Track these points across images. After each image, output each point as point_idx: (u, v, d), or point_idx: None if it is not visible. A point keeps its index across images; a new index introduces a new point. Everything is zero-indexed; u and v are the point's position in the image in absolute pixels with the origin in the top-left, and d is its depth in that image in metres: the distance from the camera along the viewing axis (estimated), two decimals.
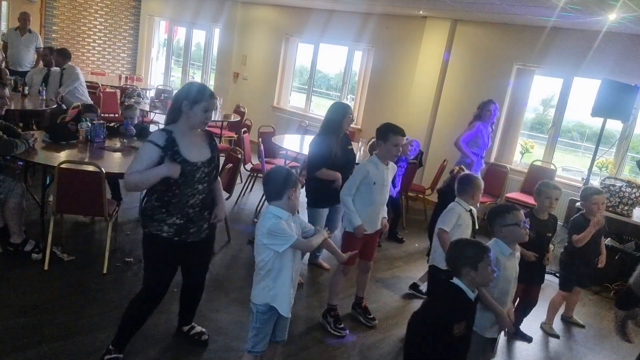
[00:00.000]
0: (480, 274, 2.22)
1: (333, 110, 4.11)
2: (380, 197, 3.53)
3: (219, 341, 3.27)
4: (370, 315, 3.81)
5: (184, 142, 2.69)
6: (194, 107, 2.67)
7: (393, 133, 3.39)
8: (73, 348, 2.95)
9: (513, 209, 2.74)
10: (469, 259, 2.23)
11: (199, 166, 2.72)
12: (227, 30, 10.03)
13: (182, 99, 2.69)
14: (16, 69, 7.90)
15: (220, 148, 6.71)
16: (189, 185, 2.71)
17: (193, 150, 2.72)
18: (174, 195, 2.70)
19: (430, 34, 7.16)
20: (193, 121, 2.71)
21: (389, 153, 3.46)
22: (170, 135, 2.67)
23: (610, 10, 4.44)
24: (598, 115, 5.13)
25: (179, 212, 2.73)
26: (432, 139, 7.35)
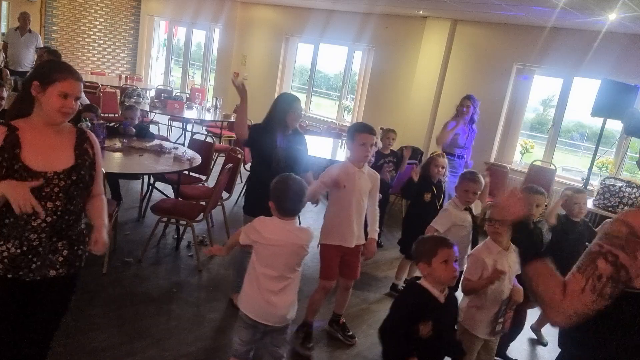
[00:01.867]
0: (435, 270, 2.13)
1: (278, 100, 3.52)
2: (354, 204, 3.17)
3: (218, 341, 3.27)
4: (349, 332, 3.54)
5: (33, 141, 1.94)
6: (47, 89, 1.92)
7: (358, 131, 3.12)
8: (72, 348, 2.94)
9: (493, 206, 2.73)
10: (424, 254, 2.17)
11: (50, 178, 1.93)
12: (227, 30, 10.03)
13: (31, 78, 1.96)
14: (16, 69, 7.90)
15: (220, 148, 6.77)
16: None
17: (43, 155, 1.95)
18: (9, 212, 1.89)
19: (430, 34, 7.16)
20: (47, 112, 1.94)
21: (358, 153, 3.15)
22: (11, 132, 1.91)
23: (610, 10, 4.44)
24: (598, 115, 5.13)
25: (15, 236, 1.93)
26: (432, 139, 7.34)
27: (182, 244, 4.58)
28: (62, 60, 2.11)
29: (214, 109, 7.99)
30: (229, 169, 4.39)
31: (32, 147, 1.92)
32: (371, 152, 3.21)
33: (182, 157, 4.49)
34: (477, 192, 3.34)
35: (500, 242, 2.69)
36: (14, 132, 1.92)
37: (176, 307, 3.58)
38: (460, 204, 3.34)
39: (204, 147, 5.39)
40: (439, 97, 7.22)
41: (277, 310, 2.40)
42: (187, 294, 3.80)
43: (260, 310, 2.41)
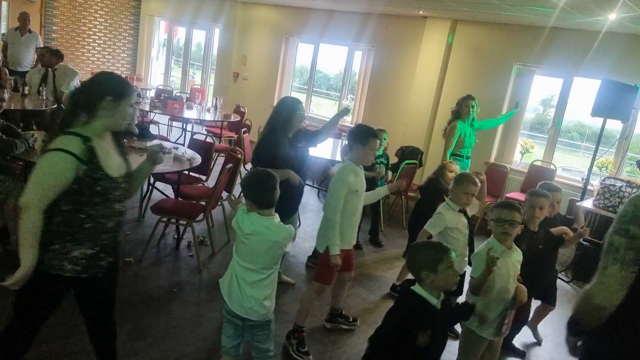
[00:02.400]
0: (441, 276, 2.08)
1: (281, 105, 3.66)
2: (361, 204, 3.29)
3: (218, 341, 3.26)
4: (350, 319, 3.66)
5: (102, 150, 2.11)
6: (121, 102, 2.11)
7: (373, 137, 3.15)
8: (73, 348, 2.95)
9: (501, 206, 2.73)
10: (427, 261, 2.09)
11: (119, 182, 2.17)
12: (227, 30, 10.03)
13: (104, 94, 2.08)
14: (16, 69, 7.90)
15: (220, 148, 6.77)
16: (106, 206, 2.14)
17: (111, 161, 2.15)
18: (89, 217, 2.09)
19: (430, 34, 7.16)
20: (118, 120, 2.14)
21: (367, 158, 3.19)
22: (89, 144, 2.05)
23: (610, 10, 4.44)
24: (598, 115, 5.13)
25: (90, 239, 2.13)
26: (432, 139, 7.34)
27: (182, 243, 4.59)
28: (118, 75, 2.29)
29: (214, 109, 7.99)
30: (229, 169, 4.40)
31: (102, 155, 2.09)
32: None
33: (182, 157, 4.50)
34: (475, 194, 3.36)
35: (505, 241, 2.70)
36: (89, 142, 2.05)
37: (177, 307, 3.58)
38: (458, 205, 3.33)
39: (204, 147, 5.39)
40: (439, 97, 7.23)
41: (250, 303, 2.43)
42: (188, 294, 3.80)
43: (236, 300, 2.46)
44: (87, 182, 2.04)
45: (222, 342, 2.58)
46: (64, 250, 2.09)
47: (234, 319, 2.49)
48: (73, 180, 2.01)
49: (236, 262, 2.49)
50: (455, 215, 3.29)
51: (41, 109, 6.32)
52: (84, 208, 2.08)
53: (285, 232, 2.43)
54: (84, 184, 2.04)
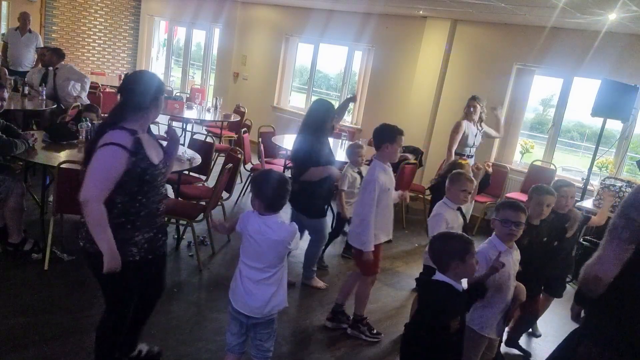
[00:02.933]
0: (467, 265, 2.21)
1: (317, 107, 3.94)
2: (392, 200, 3.48)
3: (218, 341, 3.27)
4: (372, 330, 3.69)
5: (144, 141, 2.34)
6: (159, 99, 2.39)
7: (400, 134, 3.35)
8: (73, 348, 2.95)
9: (507, 207, 2.72)
10: (456, 252, 2.20)
11: (161, 168, 2.42)
12: (227, 30, 10.03)
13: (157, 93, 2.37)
14: (16, 69, 7.90)
15: (220, 148, 6.77)
16: (155, 192, 2.40)
17: (153, 151, 2.39)
18: (142, 205, 2.33)
19: (430, 34, 7.16)
20: (156, 114, 2.41)
21: (395, 155, 3.38)
22: (136, 136, 2.28)
23: (610, 10, 4.44)
24: (598, 115, 5.13)
25: (147, 224, 2.40)
26: (432, 139, 7.35)
27: (183, 244, 4.59)
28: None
29: (214, 109, 7.99)
30: (229, 169, 4.40)
31: (147, 145, 2.32)
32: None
33: (182, 157, 4.50)
34: (472, 191, 3.36)
35: (509, 241, 2.72)
36: (137, 136, 2.28)
37: (177, 307, 3.58)
38: (456, 204, 3.33)
39: (204, 147, 5.39)
40: (439, 97, 7.23)
41: (254, 301, 2.44)
42: (188, 294, 3.80)
43: (240, 298, 2.48)
44: (137, 173, 2.24)
45: (227, 339, 2.60)
46: (127, 237, 2.31)
47: (238, 315, 2.51)
48: (124, 172, 2.20)
49: (241, 260, 2.50)
50: (454, 214, 3.30)
51: (41, 109, 6.32)
52: (137, 197, 2.30)
53: (287, 231, 2.43)
54: (134, 174, 2.24)
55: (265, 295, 2.45)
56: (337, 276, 4.52)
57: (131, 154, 2.21)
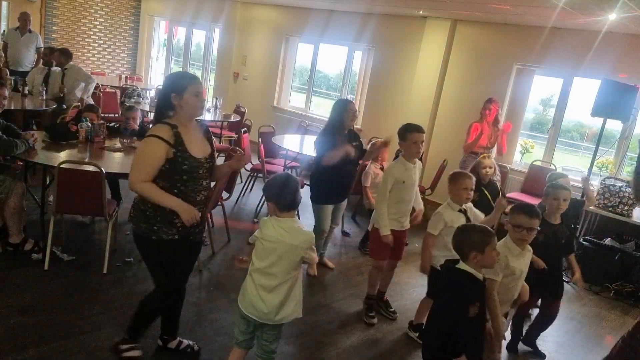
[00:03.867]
0: (486, 256, 2.31)
1: (334, 107, 4.25)
2: (408, 195, 3.66)
3: (218, 341, 3.27)
4: (391, 308, 3.96)
5: (187, 135, 2.57)
6: (184, 95, 2.53)
7: (409, 131, 3.53)
8: (73, 348, 2.95)
9: (521, 211, 2.74)
10: (476, 243, 2.31)
11: (203, 162, 2.62)
12: (227, 30, 10.03)
13: (169, 92, 2.55)
14: (16, 69, 7.90)
15: (220, 148, 6.77)
16: (195, 182, 2.60)
17: (196, 145, 2.60)
18: (180, 192, 2.56)
19: (430, 34, 7.16)
20: (189, 110, 2.57)
21: (411, 150, 3.56)
22: (176, 130, 2.53)
23: (610, 10, 4.44)
24: (598, 115, 5.13)
25: None
26: (432, 139, 7.34)
27: None
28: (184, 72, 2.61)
29: (214, 109, 7.99)
30: None
31: (187, 139, 2.54)
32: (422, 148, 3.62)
33: None
34: (473, 188, 3.36)
35: (521, 245, 2.77)
36: (176, 130, 2.52)
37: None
38: (458, 203, 3.33)
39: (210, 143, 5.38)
40: (439, 97, 7.22)
41: (264, 307, 2.43)
42: (188, 294, 3.76)
43: (250, 303, 2.47)
44: (175, 162, 2.50)
45: (235, 334, 2.62)
46: (168, 218, 2.55)
47: (248, 315, 2.51)
48: (165, 160, 2.48)
49: (253, 264, 2.49)
50: (455, 215, 3.29)
51: (41, 108, 6.32)
52: (176, 184, 2.54)
53: (304, 235, 2.43)
54: (173, 163, 2.50)
55: (274, 303, 2.44)
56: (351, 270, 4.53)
57: (170, 145, 2.48)
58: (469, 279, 2.34)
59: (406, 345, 3.58)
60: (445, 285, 2.48)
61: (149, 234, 2.58)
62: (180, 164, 2.52)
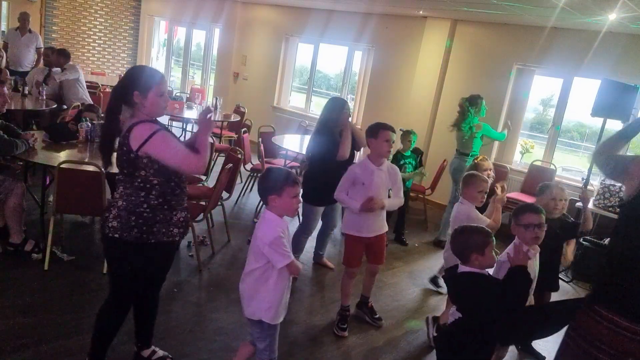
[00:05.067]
0: (487, 257, 2.30)
1: (329, 106, 4.11)
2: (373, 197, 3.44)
3: (218, 341, 3.27)
4: (376, 315, 3.81)
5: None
6: (148, 94, 2.37)
7: (383, 128, 3.39)
8: (73, 348, 2.95)
9: (528, 210, 2.75)
10: (477, 245, 2.30)
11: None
12: (227, 30, 10.03)
13: (131, 89, 2.36)
14: (16, 69, 7.90)
15: (220, 148, 6.77)
16: (180, 178, 2.51)
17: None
18: (177, 185, 2.48)
19: (430, 34, 7.16)
20: (152, 110, 2.42)
21: (381, 149, 3.40)
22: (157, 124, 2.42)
23: (610, 10, 4.44)
24: (598, 115, 5.13)
25: (180, 203, 2.51)
26: (432, 139, 7.35)
27: (183, 244, 4.58)
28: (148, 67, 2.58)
29: (214, 109, 7.99)
30: (229, 169, 4.40)
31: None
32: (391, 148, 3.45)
33: None
34: (487, 191, 3.37)
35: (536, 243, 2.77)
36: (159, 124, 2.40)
37: (177, 307, 3.58)
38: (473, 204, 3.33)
39: None
40: (439, 97, 7.23)
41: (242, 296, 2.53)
42: (188, 294, 3.80)
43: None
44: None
45: (274, 354, 2.62)
46: (167, 218, 2.44)
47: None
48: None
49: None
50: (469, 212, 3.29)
51: (41, 108, 6.32)
52: (172, 177, 2.43)
53: (264, 230, 2.39)
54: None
55: (245, 292, 2.50)
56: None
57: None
58: (477, 277, 2.31)
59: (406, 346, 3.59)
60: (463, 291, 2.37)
61: (146, 237, 2.40)
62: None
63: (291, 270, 2.43)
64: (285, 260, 2.36)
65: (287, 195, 2.39)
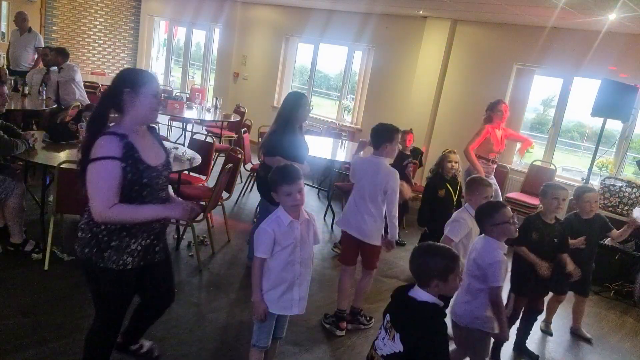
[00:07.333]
0: (448, 285, 2.00)
1: (287, 101, 3.91)
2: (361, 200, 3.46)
3: (218, 341, 3.26)
4: (368, 317, 3.75)
5: (139, 144, 2.19)
6: (140, 92, 2.17)
7: (397, 132, 3.45)
8: (73, 348, 2.94)
9: (501, 207, 2.73)
10: (440, 270, 1.97)
11: (161, 170, 2.29)
12: (227, 30, 10.03)
13: (121, 86, 2.17)
14: (15, 69, 7.90)
15: (220, 148, 6.77)
16: (154, 196, 2.27)
17: (151, 152, 2.25)
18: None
19: (430, 34, 7.16)
20: (142, 112, 2.20)
21: (394, 153, 3.48)
22: (126, 140, 2.14)
23: (610, 10, 4.44)
24: (598, 115, 5.13)
25: (144, 230, 2.28)
26: (432, 139, 7.35)
27: (182, 244, 4.59)
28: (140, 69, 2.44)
29: (214, 109, 7.99)
30: (229, 169, 4.40)
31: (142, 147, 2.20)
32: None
33: (182, 157, 4.49)
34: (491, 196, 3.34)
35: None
36: (126, 140, 2.14)
37: (177, 307, 3.57)
38: None
39: (204, 147, 5.39)
40: (439, 97, 7.23)
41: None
42: (188, 294, 3.80)
43: None
44: (132, 177, 2.15)
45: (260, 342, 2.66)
46: (123, 245, 2.22)
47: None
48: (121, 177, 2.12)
49: None
50: (472, 221, 3.21)
51: (41, 108, 6.32)
52: (134, 202, 2.18)
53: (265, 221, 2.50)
54: (129, 179, 2.14)
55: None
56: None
57: (122, 160, 2.11)
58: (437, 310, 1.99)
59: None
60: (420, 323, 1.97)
61: (96, 260, 2.21)
62: (137, 178, 2.17)
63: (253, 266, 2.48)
64: (257, 253, 2.42)
65: (281, 193, 2.43)
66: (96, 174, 2.11)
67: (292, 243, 2.45)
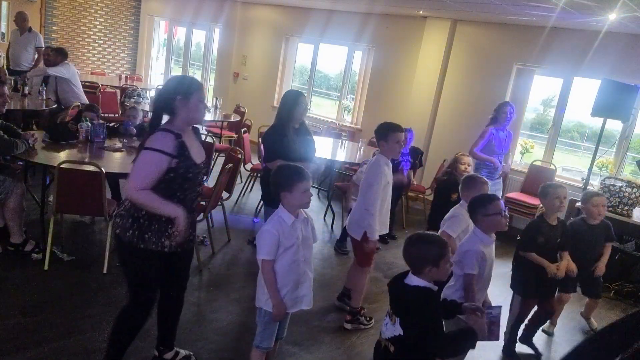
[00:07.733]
0: (440, 270, 2.15)
1: (283, 101, 3.86)
2: (388, 196, 3.58)
3: (218, 341, 3.27)
4: (367, 318, 3.77)
5: (188, 143, 2.48)
6: (190, 99, 2.45)
7: (394, 131, 3.44)
8: (73, 348, 2.95)
9: (495, 199, 2.76)
10: (431, 257, 2.12)
11: (202, 167, 2.58)
12: (227, 30, 10.03)
13: (174, 94, 2.44)
14: (15, 69, 7.90)
15: (220, 148, 6.77)
16: (193, 189, 2.54)
17: (196, 151, 2.54)
18: (180, 201, 2.46)
19: (430, 34, 7.16)
20: (191, 115, 2.49)
21: (391, 151, 3.49)
22: (180, 140, 2.42)
23: (610, 10, 4.44)
24: (598, 115, 5.13)
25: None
26: (432, 139, 7.35)
27: None
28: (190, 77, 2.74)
29: (214, 109, 7.99)
30: (229, 169, 4.40)
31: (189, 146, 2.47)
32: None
33: None
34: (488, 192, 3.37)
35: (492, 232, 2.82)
36: (181, 139, 2.43)
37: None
38: None
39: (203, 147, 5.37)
40: (439, 97, 7.23)
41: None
42: (188, 294, 3.75)
43: None
44: (180, 172, 2.42)
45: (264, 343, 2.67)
46: (162, 229, 2.45)
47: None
48: (169, 170, 2.38)
49: None
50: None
51: (41, 108, 6.32)
52: (177, 194, 2.45)
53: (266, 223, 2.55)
54: (177, 174, 2.42)
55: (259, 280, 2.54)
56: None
57: (173, 156, 2.38)
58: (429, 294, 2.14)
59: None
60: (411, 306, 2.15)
61: (136, 242, 2.43)
62: (184, 173, 2.44)
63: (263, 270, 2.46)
64: (260, 255, 2.42)
65: (298, 191, 2.44)
66: (144, 160, 2.38)
67: (295, 243, 2.47)
